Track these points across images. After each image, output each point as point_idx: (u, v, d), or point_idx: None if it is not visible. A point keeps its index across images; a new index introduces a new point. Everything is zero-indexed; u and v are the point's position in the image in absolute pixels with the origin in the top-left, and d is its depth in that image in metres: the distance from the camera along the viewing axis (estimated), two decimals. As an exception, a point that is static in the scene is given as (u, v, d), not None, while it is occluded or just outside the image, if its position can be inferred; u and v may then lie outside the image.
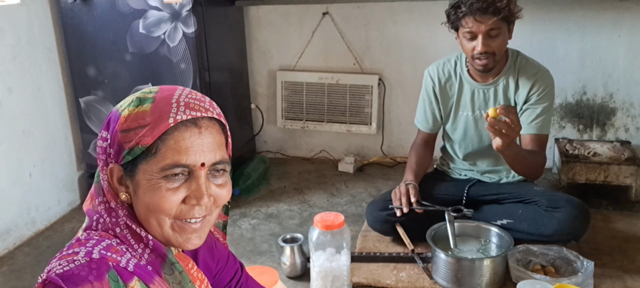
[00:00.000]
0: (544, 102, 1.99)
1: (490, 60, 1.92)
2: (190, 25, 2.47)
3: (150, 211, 0.83)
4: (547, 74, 2.02)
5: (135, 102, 0.83)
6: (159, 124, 0.80)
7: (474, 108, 2.08)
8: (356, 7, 2.96)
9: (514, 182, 2.15)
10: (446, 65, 2.12)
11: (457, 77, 2.10)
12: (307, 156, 3.31)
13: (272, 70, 3.21)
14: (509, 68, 2.01)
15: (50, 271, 0.75)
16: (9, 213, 2.36)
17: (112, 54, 2.59)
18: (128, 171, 0.83)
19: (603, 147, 2.64)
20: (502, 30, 1.88)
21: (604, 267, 1.92)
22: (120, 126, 0.82)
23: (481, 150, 2.14)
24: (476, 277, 1.79)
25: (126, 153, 0.81)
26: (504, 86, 2.02)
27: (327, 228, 1.73)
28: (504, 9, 1.82)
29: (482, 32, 1.86)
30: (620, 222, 2.30)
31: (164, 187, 0.81)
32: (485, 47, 1.88)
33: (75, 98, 2.71)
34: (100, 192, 0.86)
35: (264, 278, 1.54)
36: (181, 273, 0.86)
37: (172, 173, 0.81)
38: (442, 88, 2.12)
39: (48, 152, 2.58)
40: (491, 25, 1.85)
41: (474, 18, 1.84)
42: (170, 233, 0.85)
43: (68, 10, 2.57)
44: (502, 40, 1.90)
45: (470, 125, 2.11)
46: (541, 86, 1.99)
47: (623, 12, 2.62)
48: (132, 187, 0.83)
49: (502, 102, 2.03)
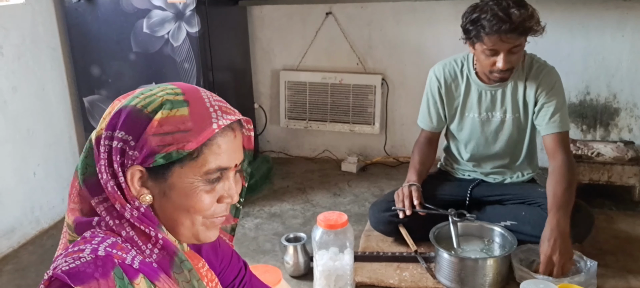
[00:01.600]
0: (555, 98, 1.96)
1: (508, 73, 1.92)
2: (194, 25, 2.47)
3: (185, 211, 0.84)
4: (552, 70, 2.00)
5: (166, 105, 0.81)
6: (204, 129, 0.81)
7: (480, 110, 2.06)
8: (359, 7, 2.96)
9: (518, 182, 2.15)
10: (452, 65, 2.09)
11: (464, 78, 2.07)
12: (310, 156, 3.32)
13: (275, 70, 3.21)
14: (517, 69, 1.99)
15: (56, 268, 0.75)
16: (13, 212, 2.37)
17: (116, 53, 2.59)
18: (153, 173, 0.82)
19: (606, 147, 2.63)
20: (522, 45, 1.86)
21: (607, 267, 1.91)
22: (155, 130, 0.80)
23: (486, 151, 2.13)
24: (479, 276, 1.79)
25: (160, 157, 0.80)
26: (512, 87, 2.00)
27: (330, 227, 1.74)
28: (531, 28, 1.80)
29: (505, 50, 1.82)
30: (624, 222, 2.30)
31: (202, 188, 0.84)
32: (508, 64, 1.85)
33: (79, 97, 2.72)
34: (96, 192, 0.82)
35: (267, 277, 1.54)
36: (190, 271, 0.86)
37: (215, 177, 0.84)
38: (447, 88, 2.10)
39: (52, 151, 2.59)
40: (515, 43, 1.82)
41: (499, 37, 1.78)
42: (200, 229, 0.87)
43: (72, 9, 2.58)
44: (521, 53, 1.90)
45: (477, 127, 2.10)
46: (548, 83, 1.97)
47: (627, 12, 2.62)
48: (159, 188, 0.83)
49: (510, 103, 2.01)
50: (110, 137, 0.82)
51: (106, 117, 0.84)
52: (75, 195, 0.85)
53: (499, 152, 2.12)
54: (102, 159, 0.81)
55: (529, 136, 2.08)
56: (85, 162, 0.84)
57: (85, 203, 0.84)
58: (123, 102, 0.84)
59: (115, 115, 0.82)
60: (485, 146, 2.12)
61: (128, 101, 0.84)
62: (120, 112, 0.82)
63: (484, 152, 2.14)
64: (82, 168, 0.84)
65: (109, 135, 0.82)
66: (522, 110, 2.02)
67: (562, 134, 1.97)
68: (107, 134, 0.82)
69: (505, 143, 2.09)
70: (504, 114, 2.04)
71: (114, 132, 0.81)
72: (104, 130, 0.82)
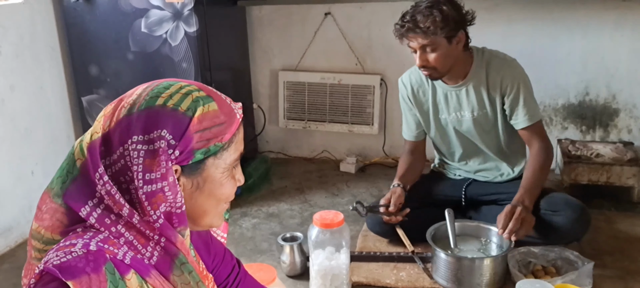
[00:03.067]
0: (521, 91, 1.96)
1: (432, 72, 1.94)
2: (192, 24, 2.47)
3: (215, 200, 0.89)
4: (513, 62, 2.00)
5: (199, 102, 0.82)
6: (232, 120, 0.86)
7: (449, 110, 2.08)
8: (358, 7, 2.96)
9: (510, 180, 2.14)
10: (417, 71, 2.09)
11: (430, 82, 2.08)
12: (309, 156, 3.31)
13: (274, 70, 3.21)
14: (477, 67, 1.99)
15: (48, 262, 0.75)
16: (11, 211, 2.37)
17: (114, 52, 2.60)
18: (188, 169, 0.83)
19: (606, 148, 2.63)
20: (440, 45, 1.86)
21: (605, 268, 1.91)
22: (196, 127, 0.81)
23: (466, 150, 2.15)
24: (476, 276, 1.79)
25: (200, 152, 0.82)
26: (474, 85, 2.01)
27: (326, 226, 1.73)
28: (428, 29, 1.82)
29: (416, 47, 1.89)
30: (623, 223, 2.29)
31: (228, 176, 0.89)
32: (423, 61, 1.90)
33: (77, 97, 2.72)
34: (83, 199, 0.79)
35: (261, 276, 1.54)
36: (191, 274, 0.85)
37: (236, 164, 0.90)
38: (415, 94, 2.13)
39: (50, 150, 2.59)
40: (423, 42, 1.86)
41: (408, 35, 1.88)
42: (220, 216, 0.93)
43: (71, 9, 2.58)
44: (440, 54, 1.88)
45: (451, 127, 2.11)
46: (511, 77, 1.97)
47: (625, 12, 2.61)
48: (192, 183, 0.84)
49: (475, 100, 2.01)
50: (146, 141, 0.79)
51: (111, 123, 0.81)
52: (49, 219, 0.81)
53: (479, 149, 2.13)
54: (135, 164, 0.78)
55: (502, 130, 2.07)
56: (65, 171, 0.82)
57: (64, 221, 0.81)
58: (141, 103, 0.81)
59: (138, 117, 0.80)
60: (462, 144, 2.14)
61: (148, 102, 0.81)
62: (147, 114, 0.80)
63: (464, 151, 2.16)
64: (61, 181, 0.81)
65: (143, 140, 0.79)
66: (488, 106, 2.02)
67: (533, 125, 1.99)
68: (138, 138, 0.79)
69: (481, 140, 2.10)
70: (472, 112, 2.04)
71: (148, 134, 0.79)
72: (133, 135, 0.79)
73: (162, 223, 0.80)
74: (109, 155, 0.80)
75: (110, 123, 0.81)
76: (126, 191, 0.80)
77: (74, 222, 0.81)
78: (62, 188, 0.82)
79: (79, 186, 0.81)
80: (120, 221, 0.80)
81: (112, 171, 0.80)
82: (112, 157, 0.80)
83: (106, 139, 0.81)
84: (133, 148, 0.79)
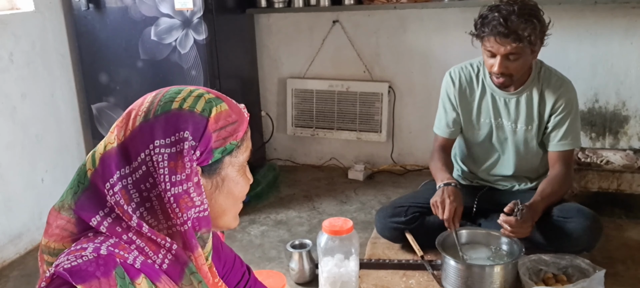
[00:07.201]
0: (570, 114, 1.96)
1: (506, 79, 1.90)
2: (201, 32, 2.49)
3: (233, 199, 0.90)
4: (570, 85, 1.99)
5: (210, 103, 0.83)
6: (242, 119, 0.88)
7: (494, 116, 2.04)
8: (366, 15, 2.97)
9: (526, 189, 2.13)
10: (468, 69, 2.07)
11: (479, 82, 2.05)
12: (317, 164, 3.31)
13: (283, 77, 3.22)
14: (533, 80, 1.97)
15: (58, 266, 0.75)
16: (21, 218, 2.38)
17: (124, 60, 2.62)
18: (207, 170, 0.84)
19: (616, 155, 2.60)
20: (523, 54, 1.84)
21: (617, 276, 1.89)
22: (213, 127, 0.82)
23: (498, 158, 2.12)
24: (486, 284, 1.77)
25: (218, 152, 0.83)
26: (527, 97, 1.98)
27: (335, 233, 1.73)
28: (525, 38, 1.79)
29: (501, 53, 1.83)
30: (634, 230, 2.27)
31: (242, 174, 0.90)
32: (502, 68, 1.86)
33: (87, 104, 2.74)
34: (94, 210, 0.79)
35: (271, 282, 1.54)
36: (200, 283, 0.85)
37: (247, 161, 0.91)
38: (462, 92, 2.07)
39: (60, 157, 2.60)
40: (510, 50, 1.81)
41: (495, 39, 1.81)
42: (236, 215, 0.93)
43: (81, 17, 2.61)
44: (521, 62, 1.86)
45: (491, 133, 2.08)
46: (568, 100, 1.96)
47: (635, 19, 2.60)
48: (212, 183, 0.85)
49: (525, 113, 1.99)
50: (170, 144, 0.79)
51: (127, 132, 0.81)
52: (59, 232, 0.81)
53: (511, 158, 2.10)
54: (161, 168, 0.78)
55: (537, 148, 2.06)
56: (76, 182, 0.82)
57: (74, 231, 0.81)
58: (156, 109, 0.81)
59: (156, 122, 0.80)
60: (499, 152, 2.11)
61: (163, 107, 0.81)
62: (165, 118, 0.80)
63: (496, 158, 2.12)
64: (72, 192, 0.81)
65: (166, 143, 0.79)
66: (536, 122, 2.00)
67: (566, 152, 1.99)
68: (161, 142, 0.79)
69: (516, 149, 2.07)
70: (515, 123, 2.02)
71: (170, 137, 0.79)
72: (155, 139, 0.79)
73: (187, 228, 0.80)
74: (128, 164, 0.80)
75: (125, 132, 0.81)
76: (147, 199, 0.80)
77: (84, 231, 0.81)
78: (74, 198, 0.82)
79: (90, 196, 0.81)
80: (131, 229, 0.80)
81: (133, 179, 0.80)
82: (132, 165, 0.80)
83: (123, 148, 0.80)
84: (156, 153, 0.79)
